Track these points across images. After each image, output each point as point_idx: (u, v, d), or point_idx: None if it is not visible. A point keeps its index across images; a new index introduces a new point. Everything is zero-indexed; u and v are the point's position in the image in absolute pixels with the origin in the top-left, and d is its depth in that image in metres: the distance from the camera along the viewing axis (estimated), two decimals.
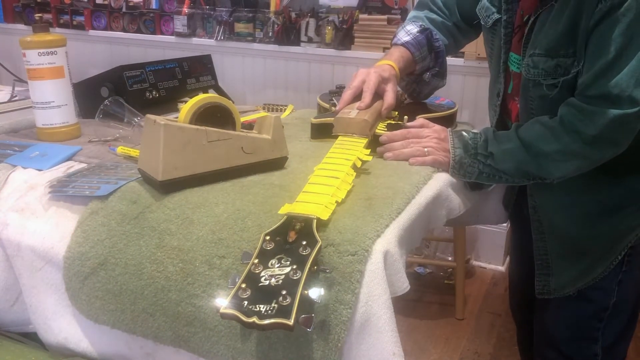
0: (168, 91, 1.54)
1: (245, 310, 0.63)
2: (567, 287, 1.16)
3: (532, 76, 1.03)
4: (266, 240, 0.72)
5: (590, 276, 1.13)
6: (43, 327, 0.97)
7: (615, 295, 1.13)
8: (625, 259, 1.11)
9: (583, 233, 1.12)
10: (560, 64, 0.98)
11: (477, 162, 1.04)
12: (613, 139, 0.96)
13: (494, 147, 1.04)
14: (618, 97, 0.91)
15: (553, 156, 0.99)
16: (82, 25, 2.93)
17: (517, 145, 1.02)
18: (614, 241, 1.11)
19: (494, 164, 1.04)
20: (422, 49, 1.26)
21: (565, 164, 1.00)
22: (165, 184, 0.91)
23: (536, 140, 1.00)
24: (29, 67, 1.21)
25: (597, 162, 1.00)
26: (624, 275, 1.12)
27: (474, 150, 1.05)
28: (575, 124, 0.97)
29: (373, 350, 0.76)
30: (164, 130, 0.88)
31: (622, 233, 1.10)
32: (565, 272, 1.16)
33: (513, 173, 1.04)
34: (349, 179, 0.92)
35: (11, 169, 1.09)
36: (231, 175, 0.98)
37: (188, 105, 0.96)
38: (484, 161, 1.04)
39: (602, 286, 1.13)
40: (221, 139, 0.95)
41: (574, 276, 1.15)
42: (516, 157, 1.02)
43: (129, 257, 0.87)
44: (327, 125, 1.19)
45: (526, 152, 1.01)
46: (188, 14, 2.67)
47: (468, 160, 1.05)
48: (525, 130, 1.03)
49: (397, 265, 0.82)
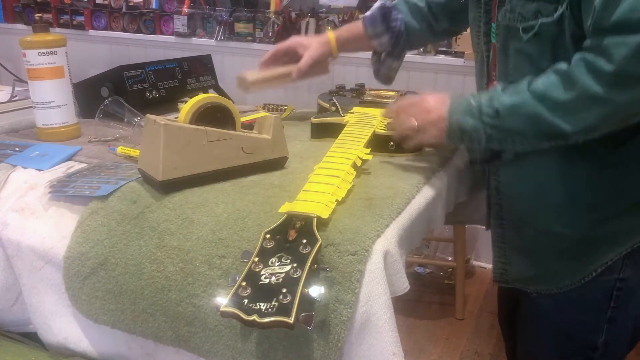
0: (168, 91, 1.54)
1: (245, 309, 0.63)
2: (528, 285, 1.03)
3: (508, 21, 0.90)
4: (266, 238, 0.72)
5: (553, 285, 0.98)
6: (43, 327, 0.97)
7: (604, 334, 0.96)
8: (614, 293, 0.94)
9: (547, 229, 0.96)
10: (540, 8, 0.86)
11: (482, 124, 0.88)
12: (639, 73, 0.78)
13: (500, 102, 0.87)
14: (639, 21, 0.75)
15: (571, 105, 0.82)
16: (82, 25, 2.93)
17: (528, 97, 0.85)
18: (584, 248, 0.95)
19: (500, 123, 0.87)
20: (376, 26, 1.23)
21: (587, 113, 0.82)
22: (165, 184, 0.91)
23: (550, 90, 0.83)
24: (29, 67, 1.21)
25: (624, 109, 0.82)
26: (614, 313, 0.95)
27: (478, 110, 0.89)
28: (592, 63, 0.80)
29: (373, 350, 0.76)
30: (164, 130, 0.88)
31: (595, 240, 0.94)
32: (524, 271, 1.03)
33: (526, 132, 0.87)
34: (349, 177, 0.92)
35: (11, 169, 1.09)
36: (231, 176, 0.98)
37: (188, 106, 0.96)
38: (491, 122, 0.88)
39: (584, 321, 0.97)
40: (221, 139, 0.94)
41: (533, 277, 1.02)
42: (528, 111, 0.85)
43: (129, 257, 0.87)
44: (327, 125, 1.19)
45: (539, 104, 0.84)
46: (188, 14, 2.67)
47: (472, 122, 0.89)
48: (536, 81, 0.86)
49: (397, 265, 0.82)
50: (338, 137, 1.08)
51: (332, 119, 1.22)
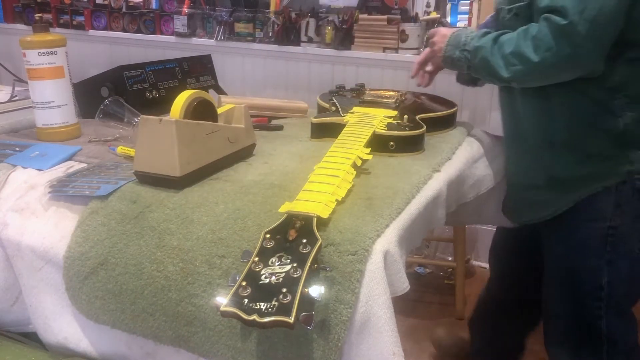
0: (168, 91, 1.54)
1: (245, 308, 0.63)
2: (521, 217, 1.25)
3: (498, 4, 1.18)
4: (266, 238, 0.72)
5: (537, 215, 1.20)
6: (43, 327, 0.97)
7: (606, 275, 1.13)
8: (608, 239, 1.11)
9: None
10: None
11: (464, 57, 1.19)
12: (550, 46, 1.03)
13: (474, 43, 1.17)
14: (562, 8, 1.00)
15: (510, 58, 1.08)
16: (82, 25, 2.92)
17: (489, 44, 1.13)
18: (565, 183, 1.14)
19: (472, 59, 1.17)
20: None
21: (519, 67, 1.07)
22: (183, 179, 0.93)
23: (504, 42, 1.11)
24: (29, 67, 1.21)
25: (543, 72, 1.06)
26: (611, 256, 1.12)
27: (463, 46, 1.19)
28: (530, 30, 1.06)
29: (373, 350, 0.76)
30: (176, 126, 0.90)
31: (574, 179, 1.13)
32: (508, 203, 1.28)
33: (482, 69, 1.16)
34: (349, 177, 0.92)
35: (11, 169, 1.09)
36: (221, 166, 1.02)
37: (180, 102, 0.98)
38: (469, 56, 1.18)
39: (589, 265, 1.14)
40: (214, 131, 0.99)
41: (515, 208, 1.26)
42: (483, 54, 1.14)
43: (129, 257, 0.87)
44: (327, 125, 1.19)
45: (491, 51, 1.12)
46: (188, 14, 2.67)
47: (458, 54, 1.20)
48: (505, 34, 1.13)
49: (397, 265, 0.82)
50: (338, 137, 1.08)
51: (332, 119, 1.22)
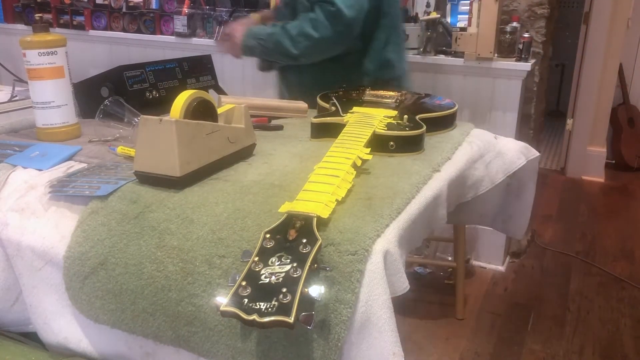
0: (168, 91, 1.54)
1: (245, 308, 0.63)
2: None
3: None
4: (266, 238, 0.72)
5: None
6: (43, 327, 0.97)
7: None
8: None
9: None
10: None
11: (258, 44, 1.55)
12: (326, 25, 1.47)
13: (266, 32, 1.53)
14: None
15: (296, 37, 1.48)
16: (82, 25, 2.93)
17: (279, 31, 1.51)
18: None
19: (265, 44, 1.54)
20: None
21: (303, 44, 1.49)
22: (183, 179, 0.93)
23: (290, 27, 1.49)
24: (29, 67, 1.21)
25: (323, 45, 1.51)
26: None
27: (257, 35, 1.55)
28: (309, 15, 1.47)
29: (373, 350, 0.76)
30: (176, 126, 0.90)
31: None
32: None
33: (274, 51, 1.53)
34: (349, 177, 0.92)
35: (11, 169, 1.09)
36: (221, 166, 1.02)
37: (180, 102, 0.98)
38: (262, 42, 1.54)
39: None
40: (214, 131, 0.99)
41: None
42: (276, 38, 1.51)
43: (129, 257, 0.87)
44: (327, 125, 1.19)
45: (281, 34, 1.50)
46: (188, 14, 2.67)
47: (252, 42, 1.56)
48: (291, 22, 1.50)
49: (397, 265, 0.82)
50: (338, 137, 1.08)
51: (332, 119, 1.22)
